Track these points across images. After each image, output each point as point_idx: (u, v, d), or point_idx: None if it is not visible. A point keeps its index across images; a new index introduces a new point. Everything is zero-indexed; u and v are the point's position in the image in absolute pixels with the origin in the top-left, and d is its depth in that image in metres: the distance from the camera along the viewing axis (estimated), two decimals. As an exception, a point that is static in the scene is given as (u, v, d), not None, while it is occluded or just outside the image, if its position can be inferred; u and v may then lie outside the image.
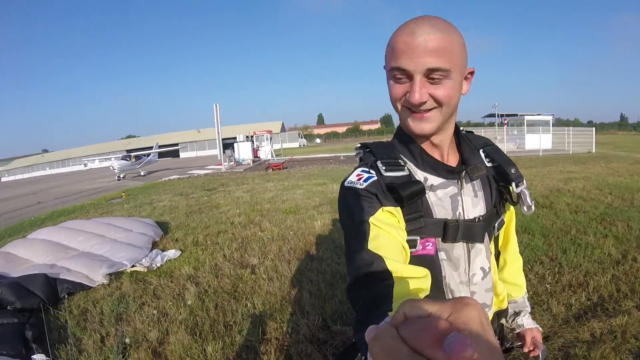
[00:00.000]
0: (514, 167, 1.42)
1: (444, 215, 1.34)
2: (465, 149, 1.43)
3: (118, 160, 31.24)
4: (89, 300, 5.29)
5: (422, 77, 1.15)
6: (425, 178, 1.34)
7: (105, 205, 14.05)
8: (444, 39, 1.13)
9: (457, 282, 1.41)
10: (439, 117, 1.23)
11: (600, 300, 4.79)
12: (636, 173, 16.17)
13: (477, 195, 1.40)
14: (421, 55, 1.12)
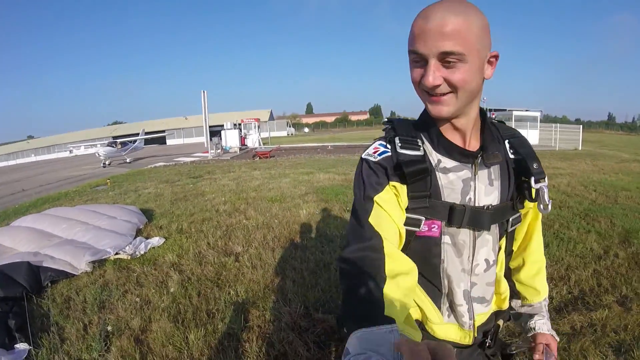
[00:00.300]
0: (537, 163, 1.39)
1: (453, 199, 1.36)
2: (487, 136, 1.42)
3: (104, 147, 30.97)
4: (72, 288, 5.29)
5: (436, 60, 1.17)
6: (439, 160, 1.37)
7: (90, 193, 14.00)
8: (459, 22, 1.14)
9: (459, 270, 1.43)
10: (455, 101, 1.24)
11: (581, 294, 4.88)
12: (621, 171, 16.38)
13: (493, 184, 1.41)
14: (434, 39, 1.14)
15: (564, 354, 3.67)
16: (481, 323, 1.54)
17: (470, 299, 1.47)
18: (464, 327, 1.49)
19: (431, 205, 1.35)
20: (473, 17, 1.17)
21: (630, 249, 6.32)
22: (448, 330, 1.51)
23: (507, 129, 1.52)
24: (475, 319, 1.49)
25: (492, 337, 1.59)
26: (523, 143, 1.46)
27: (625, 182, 13.29)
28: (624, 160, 22.48)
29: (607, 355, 3.66)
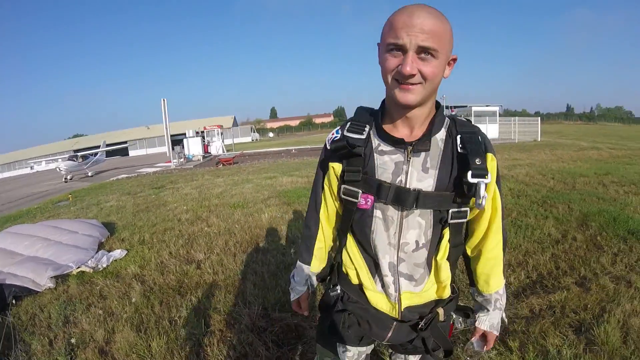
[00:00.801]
0: (480, 159, 1.51)
1: (385, 178, 1.60)
2: (432, 129, 1.59)
3: (65, 161, 30.24)
4: (37, 305, 5.28)
5: (414, 53, 1.39)
6: (379, 143, 1.63)
7: (52, 209, 13.78)
8: (437, 24, 1.39)
9: (386, 243, 1.66)
10: (422, 92, 1.46)
11: (540, 278, 5.04)
12: (579, 159, 16.86)
13: (428, 172, 1.58)
14: (416, 34, 1.36)
15: (523, 336, 3.78)
16: (414, 303, 1.75)
17: (397, 272, 1.69)
18: (390, 298, 1.74)
19: (364, 180, 1.63)
20: (447, 24, 1.43)
21: (589, 232, 6.54)
22: (379, 300, 1.77)
23: (464, 125, 1.64)
24: (402, 293, 1.72)
25: (428, 321, 1.75)
26: (473, 140, 1.57)
27: (583, 169, 13.70)
28: (582, 148, 23.05)
29: (567, 335, 3.78)
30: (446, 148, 1.60)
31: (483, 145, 1.57)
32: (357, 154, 1.62)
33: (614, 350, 3.48)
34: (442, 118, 1.64)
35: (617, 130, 57.83)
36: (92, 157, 34.30)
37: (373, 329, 1.80)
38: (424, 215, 1.61)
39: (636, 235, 6.24)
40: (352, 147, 1.60)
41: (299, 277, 2.05)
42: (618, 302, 4.24)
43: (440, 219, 1.63)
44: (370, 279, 1.77)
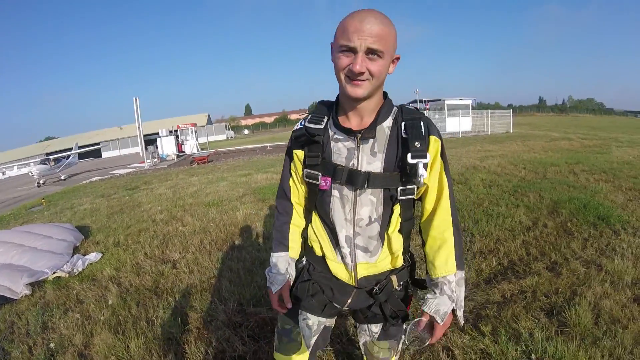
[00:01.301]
0: (419, 142, 1.74)
1: (340, 162, 1.85)
2: (379, 117, 1.83)
3: (37, 165, 29.43)
4: (14, 312, 5.23)
5: (363, 54, 1.62)
6: (334, 132, 1.88)
7: (25, 215, 13.55)
8: (384, 29, 1.61)
9: (343, 218, 1.90)
10: (369, 86, 1.69)
11: (511, 264, 5.15)
12: (551, 149, 17.16)
13: (376, 156, 1.82)
14: (365, 37, 1.59)
15: (495, 321, 3.88)
16: (371, 273, 1.98)
17: (354, 245, 1.92)
18: (347, 267, 1.96)
19: (322, 164, 1.88)
20: (392, 28, 1.67)
21: (559, 219, 6.68)
22: (339, 269, 2.00)
23: (410, 113, 1.86)
24: (358, 264, 1.94)
25: (381, 287, 1.98)
26: (415, 125, 1.79)
27: (554, 159, 13.95)
28: (554, 139, 23.44)
29: (539, 318, 3.89)
30: (392, 134, 1.83)
31: (426, 129, 1.80)
32: (316, 141, 1.88)
33: (585, 331, 3.58)
34: (389, 108, 1.88)
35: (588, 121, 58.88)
36: (65, 160, 33.61)
37: (335, 295, 2.04)
38: (375, 193, 1.85)
39: (606, 220, 6.40)
40: (312, 135, 1.87)
41: (278, 267, 2.13)
42: (589, 285, 4.37)
43: (391, 196, 1.85)
44: (332, 251, 2.00)
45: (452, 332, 3.73)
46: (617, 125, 42.81)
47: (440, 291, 1.86)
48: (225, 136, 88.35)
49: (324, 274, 2.06)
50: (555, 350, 3.32)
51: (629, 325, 3.60)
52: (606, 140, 21.31)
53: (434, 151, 1.81)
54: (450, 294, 1.85)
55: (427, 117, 1.86)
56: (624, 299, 4.07)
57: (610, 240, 5.65)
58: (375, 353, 2.22)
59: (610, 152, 15.79)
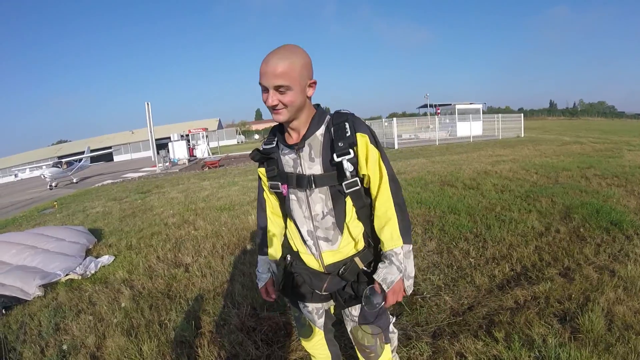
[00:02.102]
0: (343, 142, 2.01)
1: (289, 170, 2.17)
2: (309, 130, 2.10)
3: (49, 168, 29.68)
4: (26, 313, 5.26)
5: (273, 90, 1.91)
6: (282, 148, 2.20)
7: (37, 217, 13.66)
8: (286, 66, 1.87)
9: (302, 216, 2.23)
10: (287, 113, 1.98)
11: (524, 270, 5.09)
12: (562, 154, 17.03)
13: (314, 160, 2.10)
14: (270, 78, 1.88)
15: (508, 327, 3.83)
16: (337, 260, 2.25)
17: (315, 237, 2.23)
18: (315, 257, 2.27)
19: (279, 174, 2.21)
20: (296, 60, 1.91)
21: (572, 224, 6.62)
22: (310, 260, 2.32)
23: (339, 117, 2.12)
24: (322, 253, 2.24)
25: (346, 268, 2.23)
26: (340, 127, 2.06)
27: (566, 163, 13.83)
28: (565, 143, 23.30)
29: (553, 324, 3.83)
30: (325, 139, 2.10)
31: (351, 128, 2.04)
32: (272, 157, 2.24)
33: (599, 337, 3.53)
34: (320, 118, 2.14)
35: (599, 125, 58.33)
36: (77, 163, 33.86)
37: (313, 282, 2.31)
38: (322, 191, 2.13)
39: (619, 226, 6.34)
40: (267, 154, 2.25)
41: (261, 268, 2.55)
42: (602, 291, 4.31)
43: (339, 191, 2.12)
44: (302, 245, 2.32)
45: (466, 338, 3.71)
46: (629, 129, 42.36)
47: (389, 262, 2.11)
48: (236, 141, 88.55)
49: (303, 266, 2.36)
50: (569, 357, 3.29)
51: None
52: (618, 144, 21.09)
53: (363, 144, 2.07)
54: (398, 265, 2.11)
55: (354, 117, 2.14)
56: (637, 305, 4.02)
57: (623, 246, 5.58)
58: (360, 339, 2.39)
59: (622, 155, 15.59)
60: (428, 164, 16.95)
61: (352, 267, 2.23)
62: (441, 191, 10.25)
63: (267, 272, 2.54)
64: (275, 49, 1.93)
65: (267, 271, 2.54)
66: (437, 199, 9.23)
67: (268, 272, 2.54)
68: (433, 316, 4.19)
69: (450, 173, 13.30)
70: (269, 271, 2.54)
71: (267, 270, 2.54)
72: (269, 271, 2.55)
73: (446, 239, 6.43)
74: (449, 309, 4.32)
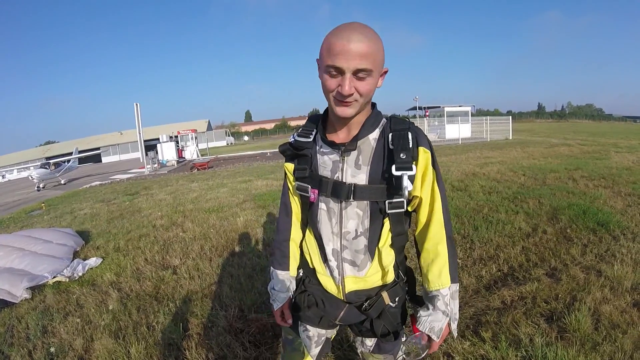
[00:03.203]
0: (405, 154, 1.69)
1: (325, 174, 1.84)
2: (363, 130, 1.79)
3: (37, 169, 29.33)
4: (14, 316, 5.24)
5: (351, 74, 1.55)
6: (321, 145, 1.87)
7: (25, 218, 13.57)
8: (371, 46, 1.54)
9: (330, 231, 1.88)
10: (358, 105, 1.65)
11: (511, 270, 5.15)
12: (550, 156, 17.20)
13: (360, 168, 1.78)
14: (353, 58, 1.52)
15: (495, 327, 3.87)
16: (360, 288, 1.93)
17: (341, 258, 1.89)
18: (335, 281, 1.94)
19: (310, 176, 1.87)
20: (380, 43, 1.61)
21: (559, 225, 6.69)
22: (327, 283, 1.98)
23: (399, 124, 1.80)
24: (345, 277, 1.91)
25: (371, 304, 1.92)
26: (402, 136, 1.74)
27: (553, 165, 14.00)
28: (553, 145, 23.52)
29: (539, 324, 3.89)
30: (378, 146, 1.79)
31: (414, 141, 1.74)
32: (304, 154, 1.90)
33: (585, 336, 3.58)
34: (376, 120, 1.83)
35: (587, 127, 58.87)
36: (65, 164, 33.51)
37: (327, 308, 2.00)
38: (361, 206, 1.80)
39: (605, 226, 6.42)
40: (297, 149, 1.91)
41: (279, 285, 2.14)
42: (589, 291, 4.37)
43: (380, 209, 1.80)
44: (321, 263, 1.98)
45: (453, 338, 3.71)
46: (616, 131, 42.84)
47: (434, 307, 1.83)
48: (225, 142, 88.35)
49: (318, 286, 2.04)
50: (555, 356, 3.32)
51: (628, 331, 3.61)
52: (605, 146, 21.37)
53: (423, 162, 1.76)
54: (444, 309, 1.81)
55: (417, 127, 1.82)
56: (623, 304, 4.08)
57: (609, 246, 5.66)
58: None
59: (609, 157, 15.82)
60: (417, 165, 16.86)
61: (378, 303, 1.92)
62: (429, 192, 10.23)
63: (286, 290, 2.14)
64: (349, 25, 1.58)
65: (286, 290, 2.14)
66: (426, 200, 9.19)
67: (287, 292, 2.15)
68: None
69: (438, 175, 13.28)
70: (288, 290, 2.15)
71: (287, 289, 2.15)
72: (288, 290, 2.15)
73: (434, 240, 6.40)
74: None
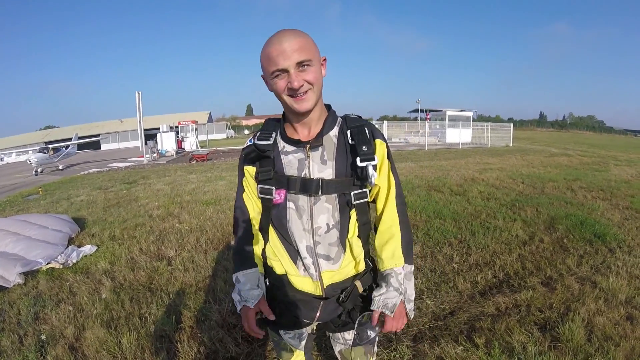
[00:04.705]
0: (367, 146, 1.83)
1: (292, 173, 1.88)
2: (325, 127, 1.91)
3: (35, 154, 29.11)
4: (5, 301, 5.21)
5: (295, 69, 1.69)
6: (283, 146, 1.92)
7: (21, 202, 13.49)
8: (302, 40, 1.70)
9: (301, 229, 1.91)
10: (313, 96, 1.77)
11: (506, 278, 5.15)
12: (549, 165, 17.26)
13: (326, 163, 1.87)
14: (291, 54, 1.66)
15: (489, 333, 3.88)
16: (335, 281, 1.98)
17: (315, 254, 1.92)
18: (312, 278, 1.96)
19: (275, 177, 1.89)
20: (308, 36, 1.76)
21: (555, 234, 6.70)
22: (304, 283, 1.98)
23: (354, 122, 1.96)
24: (322, 273, 1.94)
25: (347, 294, 1.98)
26: (360, 131, 1.90)
27: (552, 174, 14.04)
28: (553, 154, 23.58)
29: (533, 332, 3.89)
30: (339, 142, 1.91)
31: (371, 134, 1.90)
32: (267, 156, 1.91)
33: (578, 347, 3.59)
34: (333, 118, 1.97)
35: (588, 138, 59.10)
36: (64, 149, 33.36)
37: (302, 312, 2.01)
38: (330, 200, 1.89)
39: (602, 238, 6.43)
40: (262, 151, 1.90)
41: (249, 284, 2.00)
42: (583, 302, 4.38)
43: (347, 202, 1.90)
44: (293, 265, 1.98)
45: (446, 342, 3.74)
46: (617, 144, 42.95)
47: (387, 285, 1.93)
48: (226, 135, 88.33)
49: (288, 292, 2.01)
50: (548, 365, 3.33)
51: (621, 343, 3.61)
52: (605, 158, 21.44)
53: (380, 153, 1.92)
54: (397, 286, 1.91)
55: (370, 123, 1.98)
56: (617, 316, 4.08)
57: (605, 258, 5.67)
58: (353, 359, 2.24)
59: (608, 170, 15.86)
60: (416, 168, 17.11)
61: (353, 293, 1.99)
62: (428, 196, 10.35)
63: (257, 287, 2.01)
64: (276, 33, 1.74)
65: (257, 286, 2.01)
66: (424, 203, 9.31)
67: (260, 288, 2.02)
68: (414, 319, 4.20)
69: (437, 178, 13.46)
70: (260, 287, 2.02)
71: (258, 286, 2.02)
72: (260, 287, 2.03)
73: (430, 244, 6.48)
74: (430, 313, 4.35)
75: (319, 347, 3.72)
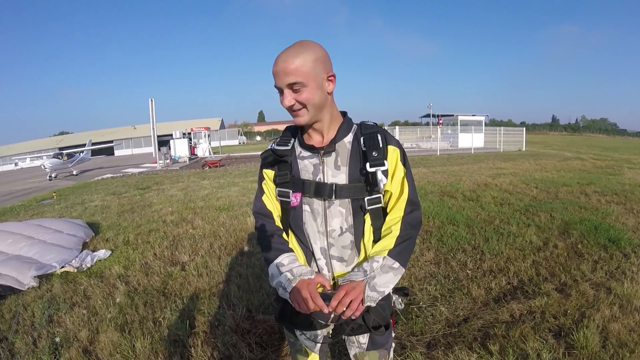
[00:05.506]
0: (377, 152, 1.88)
1: (307, 177, 1.97)
2: (338, 134, 1.98)
3: (50, 159, 29.32)
4: (20, 303, 5.24)
5: (287, 89, 1.79)
6: (300, 151, 2.01)
7: (36, 207, 13.62)
8: (299, 61, 1.74)
9: (316, 231, 1.99)
10: (307, 113, 1.85)
11: (521, 284, 5.10)
12: (563, 169, 17.12)
13: (340, 169, 1.94)
14: (283, 77, 1.76)
15: (503, 340, 3.84)
16: None
17: (329, 255, 2.01)
18: (326, 278, 2.00)
19: (292, 181, 1.99)
20: (307, 55, 1.77)
21: (570, 240, 6.64)
22: None
23: (369, 128, 2.01)
24: (335, 273, 2.03)
25: None
26: (372, 137, 1.94)
27: (566, 179, 13.91)
28: (567, 158, 23.39)
29: (547, 339, 3.84)
30: (353, 148, 1.97)
31: (383, 141, 1.94)
32: (284, 161, 2.01)
33: (593, 354, 3.54)
34: (348, 125, 2.02)
35: (601, 142, 58.58)
36: (78, 155, 33.65)
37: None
38: (343, 204, 1.95)
39: (617, 243, 6.36)
40: (280, 156, 2.01)
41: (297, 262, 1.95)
42: (598, 308, 4.32)
43: (360, 206, 1.96)
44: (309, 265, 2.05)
45: (460, 349, 3.72)
46: (630, 147, 42.51)
47: (359, 267, 1.92)
48: (238, 141, 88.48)
49: None
50: (562, 372, 3.31)
51: (636, 350, 3.57)
52: (618, 161, 21.25)
53: (393, 159, 1.96)
54: (366, 269, 1.86)
55: (384, 130, 2.04)
56: (632, 323, 4.03)
57: (620, 264, 5.60)
58: None
59: (622, 173, 15.73)
60: (428, 173, 17.04)
61: None
62: (441, 202, 10.30)
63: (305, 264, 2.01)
64: (285, 49, 1.81)
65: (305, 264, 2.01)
66: (437, 209, 9.26)
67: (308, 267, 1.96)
68: (428, 326, 4.19)
69: (450, 184, 13.39)
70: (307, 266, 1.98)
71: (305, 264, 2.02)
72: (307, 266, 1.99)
73: (444, 250, 6.44)
74: (444, 320, 4.32)
75: (333, 352, 3.70)
